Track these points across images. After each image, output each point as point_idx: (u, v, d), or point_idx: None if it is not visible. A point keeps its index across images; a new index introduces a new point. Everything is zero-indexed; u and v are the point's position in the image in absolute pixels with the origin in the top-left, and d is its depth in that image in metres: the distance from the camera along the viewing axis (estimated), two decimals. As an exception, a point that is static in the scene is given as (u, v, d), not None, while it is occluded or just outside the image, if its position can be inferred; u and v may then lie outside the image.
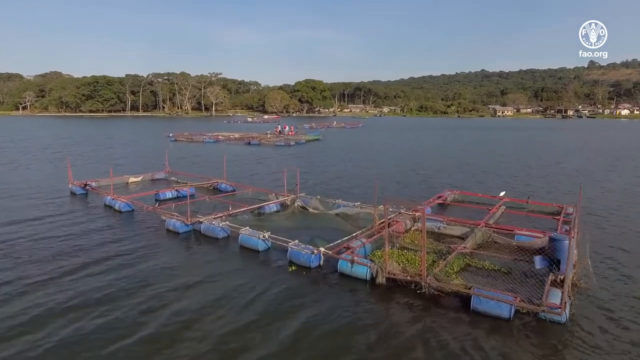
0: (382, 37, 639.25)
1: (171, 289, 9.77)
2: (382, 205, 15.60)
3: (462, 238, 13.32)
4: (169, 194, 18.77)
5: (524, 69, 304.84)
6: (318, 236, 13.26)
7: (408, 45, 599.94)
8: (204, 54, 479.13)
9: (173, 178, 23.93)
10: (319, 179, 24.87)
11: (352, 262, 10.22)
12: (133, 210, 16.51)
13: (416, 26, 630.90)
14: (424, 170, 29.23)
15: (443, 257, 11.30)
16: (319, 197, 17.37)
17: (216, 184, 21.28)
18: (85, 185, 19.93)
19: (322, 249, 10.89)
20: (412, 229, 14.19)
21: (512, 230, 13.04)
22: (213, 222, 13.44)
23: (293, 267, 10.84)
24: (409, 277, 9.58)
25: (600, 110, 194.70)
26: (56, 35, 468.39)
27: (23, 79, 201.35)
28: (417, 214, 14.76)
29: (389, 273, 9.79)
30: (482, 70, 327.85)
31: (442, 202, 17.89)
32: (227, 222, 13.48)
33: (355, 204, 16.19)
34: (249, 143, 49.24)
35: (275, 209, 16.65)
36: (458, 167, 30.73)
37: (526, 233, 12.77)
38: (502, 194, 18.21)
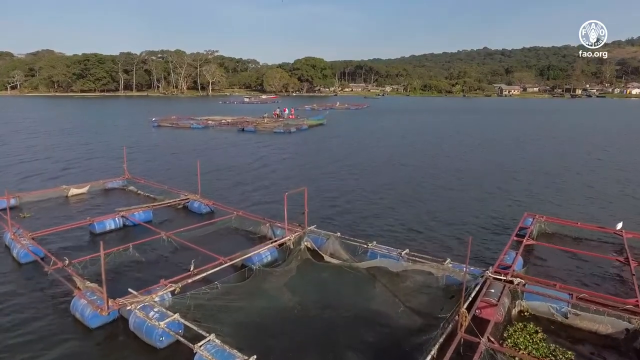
0: (382, 14, 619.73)
1: None
2: (446, 261, 9.40)
3: (615, 339, 7.12)
4: (109, 224, 12.37)
5: (527, 46, 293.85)
6: (346, 338, 7.08)
7: (409, 22, 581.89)
8: (199, 30, 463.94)
9: (132, 188, 17.50)
10: (332, 193, 18.06)
11: None
12: (43, 258, 10.20)
13: (417, 2, 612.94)
14: (464, 173, 22.70)
15: None
16: (338, 234, 10.99)
17: (187, 201, 14.90)
18: (-11, 208, 13.43)
19: None
20: (514, 312, 7.97)
21: None
22: (151, 315, 7.15)
23: None
24: None
25: (610, 90, 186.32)
26: (49, 11, 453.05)
27: (13, 57, 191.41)
28: (517, 280, 8.51)
29: None
30: (485, 47, 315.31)
31: (528, 240, 11.40)
32: (176, 315, 7.16)
33: (402, 253, 9.86)
34: (243, 129, 42.52)
35: (270, 258, 10.25)
36: (514, 167, 24.34)
37: None
38: (619, 225, 11.79)
